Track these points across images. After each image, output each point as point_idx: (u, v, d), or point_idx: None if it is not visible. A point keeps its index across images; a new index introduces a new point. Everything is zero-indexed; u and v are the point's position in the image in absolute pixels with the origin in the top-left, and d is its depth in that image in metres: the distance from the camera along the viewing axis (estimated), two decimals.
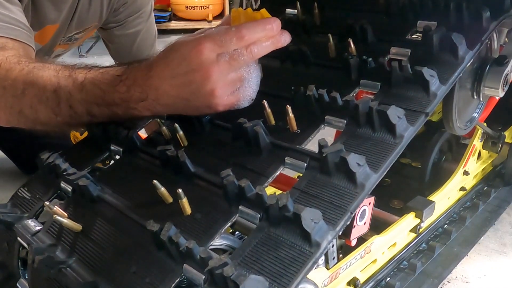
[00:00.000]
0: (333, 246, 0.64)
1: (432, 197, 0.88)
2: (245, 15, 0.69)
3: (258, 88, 0.68)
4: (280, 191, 0.82)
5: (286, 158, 0.61)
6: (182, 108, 0.66)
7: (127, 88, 0.65)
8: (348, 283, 0.72)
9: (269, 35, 0.64)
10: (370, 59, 0.69)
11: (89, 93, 0.68)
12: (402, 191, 1.00)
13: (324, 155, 0.56)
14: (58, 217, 0.61)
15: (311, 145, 0.63)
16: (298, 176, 0.80)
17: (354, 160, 0.55)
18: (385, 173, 0.57)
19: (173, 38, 0.67)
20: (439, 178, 0.97)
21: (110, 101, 0.67)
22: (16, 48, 0.81)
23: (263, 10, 0.68)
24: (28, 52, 0.84)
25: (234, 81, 0.64)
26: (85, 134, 0.82)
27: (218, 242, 0.64)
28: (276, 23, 0.65)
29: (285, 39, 0.67)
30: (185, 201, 0.57)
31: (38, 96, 0.70)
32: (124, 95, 0.66)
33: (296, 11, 0.86)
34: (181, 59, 0.62)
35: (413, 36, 0.76)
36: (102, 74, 0.68)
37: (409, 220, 0.81)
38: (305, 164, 0.59)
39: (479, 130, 0.98)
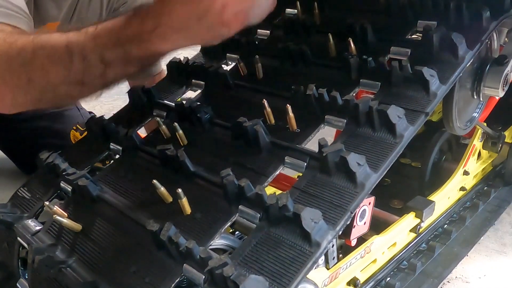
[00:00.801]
0: (333, 246, 0.64)
1: (432, 197, 0.88)
2: None
3: (272, 5, 0.66)
4: (280, 191, 0.82)
5: (286, 158, 0.61)
6: (195, 30, 0.64)
7: (141, 20, 0.65)
8: (348, 283, 0.72)
9: None
10: (370, 58, 0.69)
11: (102, 38, 0.67)
12: (402, 191, 1.00)
13: (324, 154, 0.56)
14: (58, 217, 0.61)
15: (311, 145, 0.63)
16: (298, 176, 0.80)
17: (354, 160, 0.55)
18: (385, 173, 0.57)
19: None
20: (439, 178, 0.97)
21: (124, 38, 0.66)
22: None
23: None
24: None
25: None
26: (85, 133, 0.83)
27: (218, 242, 0.64)
28: None
29: None
30: (184, 201, 0.57)
31: (49, 56, 0.69)
32: (137, 27, 0.65)
33: (296, 11, 0.86)
34: None
35: (413, 36, 0.76)
36: (115, 19, 0.67)
37: (409, 220, 0.81)
38: (305, 164, 0.59)
39: (479, 130, 0.98)
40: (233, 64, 0.86)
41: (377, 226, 0.77)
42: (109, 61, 0.67)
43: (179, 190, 0.57)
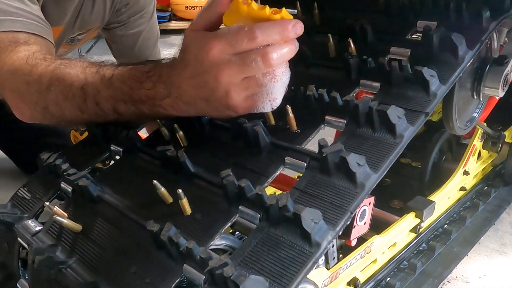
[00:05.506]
0: (333, 246, 0.64)
1: (432, 197, 0.88)
2: (248, 12, 0.58)
3: (284, 92, 0.63)
4: (280, 191, 0.82)
5: (286, 158, 0.61)
6: (203, 107, 0.63)
7: (153, 84, 0.65)
8: (348, 283, 0.72)
9: (286, 39, 0.58)
10: (370, 59, 0.69)
11: (116, 90, 0.67)
12: (402, 191, 1.00)
13: (324, 155, 0.56)
14: (58, 218, 0.61)
15: (311, 145, 0.63)
16: (298, 176, 0.80)
17: (354, 160, 0.55)
18: (385, 173, 0.57)
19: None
20: (439, 178, 0.97)
21: (137, 98, 0.66)
22: (39, 43, 0.81)
23: (284, 11, 0.58)
24: (49, 48, 0.84)
25: (250, 85, 0.60)
26: (85, 134, 0.82)
27: (218, 242, 0.64)
28: (297, 26, 0.58)
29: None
30: (185, 201, 0.57)
31: (64, 93, 0.70)
32: (150, 92, 0.65)
33: (296, 11, 0.86)
34: (194, 60, 0.60)
35: (413, 36, 0.76)
36: (130, 70, 0.68)
37: (409, 220, 0.81)
38: (305, 164, 0.59)
39: (479, 130, 0.98)
40: None
41: (377, 226, 0.77)
42: (121, 112, 0.70)
43: (179, 190, 0.57)
